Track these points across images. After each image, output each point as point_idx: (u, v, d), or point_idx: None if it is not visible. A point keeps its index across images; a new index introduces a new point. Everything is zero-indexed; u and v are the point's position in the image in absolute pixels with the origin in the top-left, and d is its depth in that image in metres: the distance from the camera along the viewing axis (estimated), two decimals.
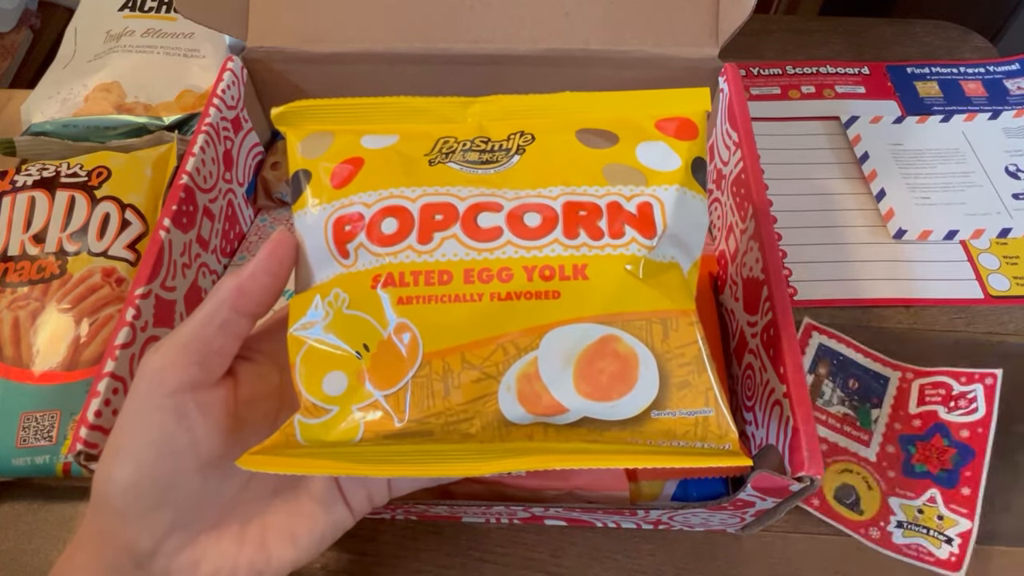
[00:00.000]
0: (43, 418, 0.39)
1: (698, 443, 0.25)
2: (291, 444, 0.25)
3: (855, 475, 0.40)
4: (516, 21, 0.44)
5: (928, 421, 0.42)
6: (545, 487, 0.37)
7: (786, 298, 0.33)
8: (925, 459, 0.41)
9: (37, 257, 0.43)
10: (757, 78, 0.61)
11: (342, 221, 0.26)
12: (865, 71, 0.61)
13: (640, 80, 0.45)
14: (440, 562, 0.39)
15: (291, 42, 0.45)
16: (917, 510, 0.39)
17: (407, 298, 0.25)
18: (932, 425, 0.42)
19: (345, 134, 0.28)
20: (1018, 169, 0.54)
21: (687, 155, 0.27)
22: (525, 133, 0.28)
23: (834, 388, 0.43)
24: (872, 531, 0.39)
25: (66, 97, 0.55)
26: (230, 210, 0.45)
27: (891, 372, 0.44)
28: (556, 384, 0.24)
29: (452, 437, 0.25)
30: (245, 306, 0.26)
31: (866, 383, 0.44)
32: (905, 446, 0.41)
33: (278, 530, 0.27)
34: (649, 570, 0.38)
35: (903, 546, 0.38)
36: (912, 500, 0.40)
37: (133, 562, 0.25)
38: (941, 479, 0.40)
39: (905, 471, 0.41)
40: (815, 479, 0.28)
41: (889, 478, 0.40)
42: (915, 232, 0.51)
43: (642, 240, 0.26)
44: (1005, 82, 0.59)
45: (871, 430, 0.42)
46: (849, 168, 0.55)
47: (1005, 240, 0.50)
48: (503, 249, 0.25)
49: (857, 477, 0.40)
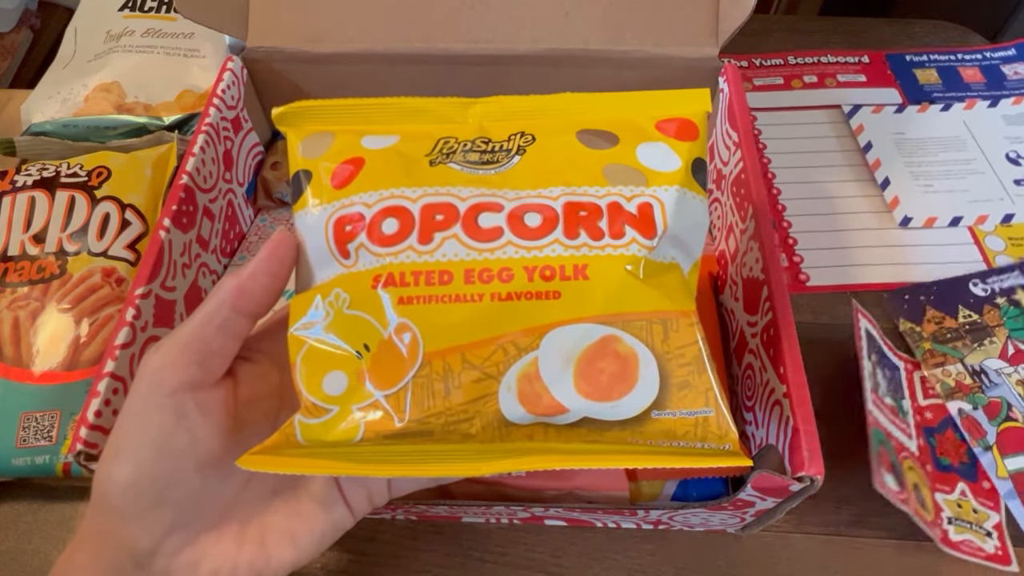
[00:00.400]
0: (43, 418, 0.39)
1: (698, 443, 0.25)
2: (291, 444, 0.25)
3: (915, 472, 0.39)
4: (516, 21, 0.44)
5: (939, 414, 0.42)
6: (545, 487, 0.37)
7: (786, 298, 0.33)
8: (945, 452, 0.40)
9: (37, 257, 0.43)
10: (759, 69, 0.62)
11: (343, 221, 0.26)
12: (865, 60, 0.62)
13: (640, 80, 0.45)
14: (440, 562, 0.39)
15: (291, 42, 0.45)
16: (957, 504, 0.39)
17: (408, 298, 0.25)
18: (944, 418, 0.42)
19: (346, 134, 0.28)
20: (1018, 155, 0.54)
21: (687, 156, 0.27)
22: (526, 134, 0.28)
23: (883, 376, 0.42)
24: (936, 531, 0.37)
25: (66, 97, 0.55)
26: (230, 210, 0.45)
27: (899, 362, 0.44)
28: (556, 384, 0.24)
29: (452, 437, 0.25)
30: (245, 306, 0.26)
31: (892, 373, 0.43)
32: (928, 439, 0.41)
33: (278, 530, 0.27)
34: (649, 570, 0.38)
35: (960, 543, 0.37)
36: (949, 495, 0.39)
37: (133, 562, 0.25)
38: (964, 472, 0.40)
39: (936, 465, 0.40)
40: (815, 479, 0.28)
41: (928, 472, 0.39)
42: (920, 219, 0.52)
43: (642, 240, 0.26)
44: (1002, 67, 0.60)
45: (908, 422, 0.41)
46: (853, 156, 0.56)
47: (1009, 224, 0.51)
48: (504, 249, 0.25)
49: (915, 474, 0.39)
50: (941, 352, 0.44)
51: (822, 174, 0.55)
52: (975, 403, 0.42)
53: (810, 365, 0.31)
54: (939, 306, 0.46)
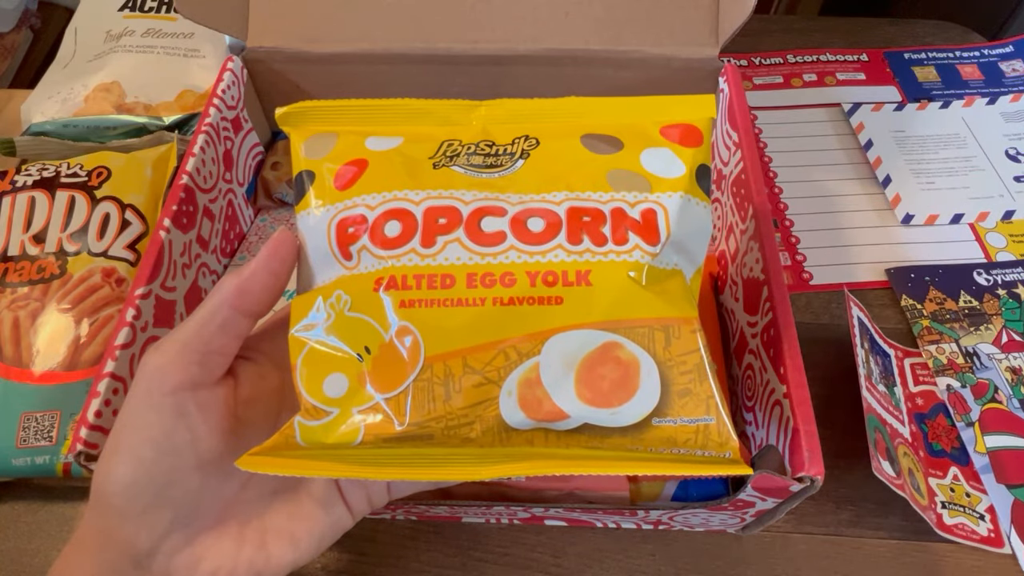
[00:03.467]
0: (43, 418, 0.39)
1: (699, 451, 0.25)
2: (291, 445, 0.25)
3: (909, 458, 0.40)
4: (516, 21, 0.44)
5: (929, 400, 0.43)
6: (545, 488, 0.37)
7: (786, 298, 0.33)
8: (937, 437, 0.41)
9: (37, 257, 0.43)
10: (759, 68, 0.62)
11: (345, 223, 0.26)
12: (864, 58, 0.62)
13: (640, 80, 0.45)
14: (440, 562, 0.39)
15: (291, 42, 0.45)
16: (950, 489, 0.39)
17: (409, 301, 0.25)
18: (934, 405, 0.42)
19: (349, 135, 0.28)
20: (1018, 152, 0.55)
21: (691, 162, 0.27)
22: (530, 137, 0.28)
23: (875, 364, 0.43)
24: (931, 515, 0.38)
25: (66, 97, 0.55)
26: (230, 210, 0.45)
27: (889, 350, 0.45)
28: (557, 390, 0.24)
29: (452, 441, 0.25)
30: (246, 305, 0.26)
31: (884, 360, 0.44)
32: (920, 425, 0.42)
33: (277, 530, 0.27)
34: (649, 570, 0.38)
35: (954, 527, 0.38)
36: (942, 479, 0.40)
37: (132, 561, 0.25)
38: (956, 457, 0.40)
39: (928, 450, 0.41)
40: (815, 479, 0.28)
41: (921, 457, 0.40)
42: (922, 217, 0.52)
43: (646, 247, 0.26)
44: (1000, 64, 0.61)
45: (901, 408, 0.42)
46: (854, 154, 0.56)
47: (1010, 221, 0.52)
48: (506, 254, 0.25)
49: (909, 459, 0.40)
50: (938, 331, 0.45)
51: (823, 173, 0.55)
52: (964, 381, 0.43)
53: (810, 365, 0.31)
54: (942, 288, 0.47)
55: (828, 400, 0.42)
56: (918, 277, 0.48)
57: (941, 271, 0.48)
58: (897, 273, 0.48)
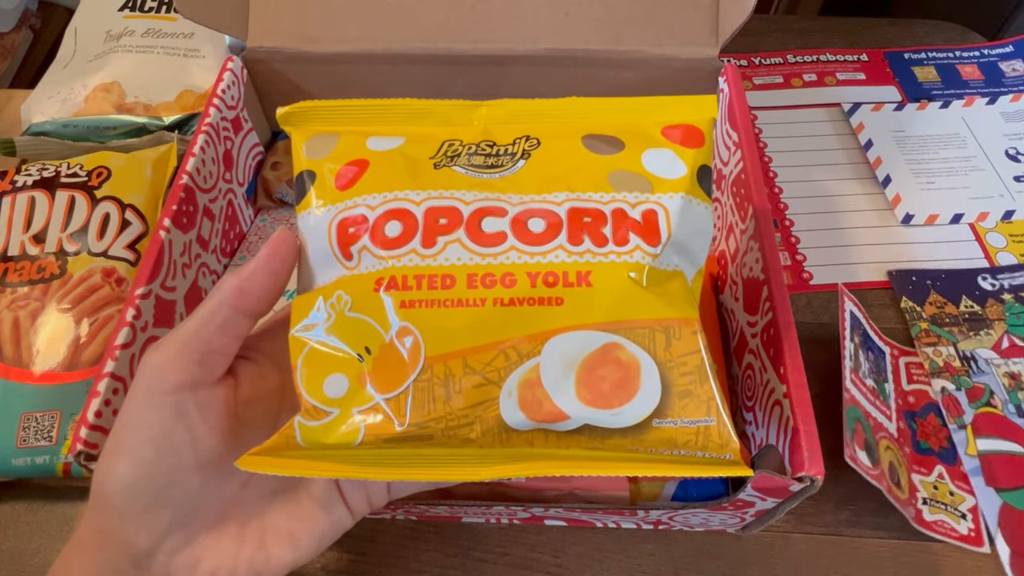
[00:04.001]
0: (43, 418, 0.39)
1: (699, 452, 0.25)
2: (291, 446, 0.25)
3: (892, 452, 0.40)
4: (516, 21, 0.44)
5: (922, 399, 0.43)
6: (545, 488, 0.37)
7: (786, 298, 0.33)
8: (926, 436, 0.41)
9: (37, 257, 0.43)
10: (759, 68, 0.62)
11: (346, 223, 0.26)
12: (864, 58, 0.62)
13: (640, 80, 0.45)
14: (440, 562, 0.39)
15: (291, 42, 0.45)
16: (933, 486, 0.39)
17: (409, 302, 0.25)
18: (926, 404, 0.43)
19: (350, 135, 0.28)
20: (1018, 152, 0.55)
21: (693, 163, 0.27)
22: (531, 138, 0.28)
23: (865, 358, 0.43)
24: (910, 510, 0.38)
25: (66, 97, 0.55)
26: (230, 210, 0.45)
27: (885, 348, 0.45)
28: (557, 391, 0.24)
29: (452, 442, 0.25)
30: (246, 305, 0.26)
31: (876, 356, 0.44)
32: (908, 422, 0.42)
33: (277, 530, 0.27)
34: (649, 570, 0.38)
35: (933, 523, 0.38)
36: (926, 476, 0.40)
37: (132, 561, 0.25)
38: (943, 456, 0.40)
39: (914, 447, 0.41)
40: (815, 479, 0.28)
41: (906, 454, 0.40)
42: (922, 217, 0.52)
43: (646, 248, 0.26)
44: (1000, 64, 0.61)
45: (889, 404, 0.42)
46: (854, 154, 0.56)
47: (1010, 221, 0.52)
48: (507, 254, 0.25)
49: (892, 453, 0.40)
50: (936, 334, 0.45)
51: (823, 172, 0.55)
52: (959, 384, 0.43)
53: (810, 365, 0.31)
54: (943, 292, 0.47)
55: (828, 400, 0.42)
56: (920, 280, 0.48)
57: (944, 275, 0.48)
58: (899, 275, 0.48)
